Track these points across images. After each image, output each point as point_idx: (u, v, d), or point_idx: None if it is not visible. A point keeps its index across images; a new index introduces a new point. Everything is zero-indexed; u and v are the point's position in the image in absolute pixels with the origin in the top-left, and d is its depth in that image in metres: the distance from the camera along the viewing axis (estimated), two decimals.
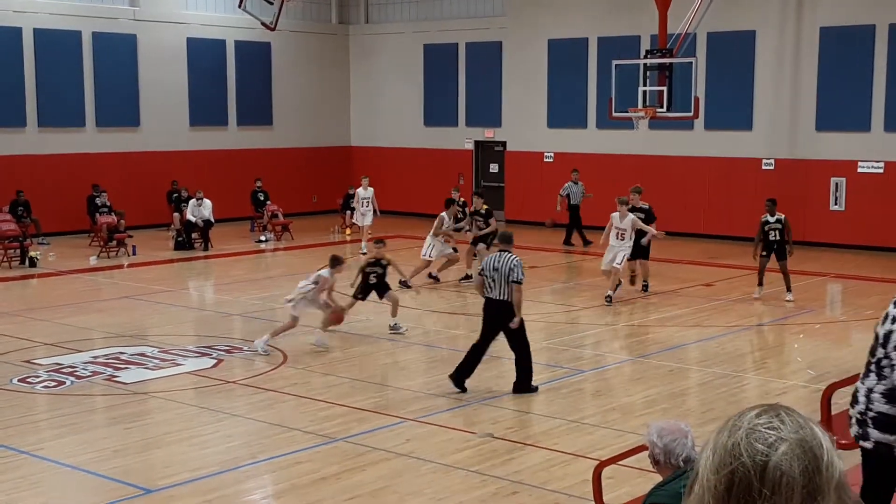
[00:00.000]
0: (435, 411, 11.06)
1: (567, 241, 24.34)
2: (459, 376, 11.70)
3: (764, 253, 17.11)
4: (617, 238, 17.17)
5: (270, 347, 13.75)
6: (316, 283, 14.00)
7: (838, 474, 1.70)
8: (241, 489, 8.96)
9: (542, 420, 10.88)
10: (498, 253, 11.81)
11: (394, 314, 15.06)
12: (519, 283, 11.44)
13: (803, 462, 1.67)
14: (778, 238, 17.10)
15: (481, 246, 18.91)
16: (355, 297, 15.35)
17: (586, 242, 23.57)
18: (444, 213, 19.09)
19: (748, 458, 1.68)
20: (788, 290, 17.26)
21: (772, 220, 17.19)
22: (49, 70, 25.42)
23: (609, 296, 17.01)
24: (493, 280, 11.45)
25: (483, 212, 19.17)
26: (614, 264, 17.09)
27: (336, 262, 14.07)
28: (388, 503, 8.48)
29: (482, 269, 11.76)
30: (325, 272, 14.06)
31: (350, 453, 9.67)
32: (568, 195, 24.33)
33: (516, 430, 10.41)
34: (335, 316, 14.29)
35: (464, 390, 11.64)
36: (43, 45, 25.30)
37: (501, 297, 11.44)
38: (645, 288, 18.13)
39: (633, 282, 18.18)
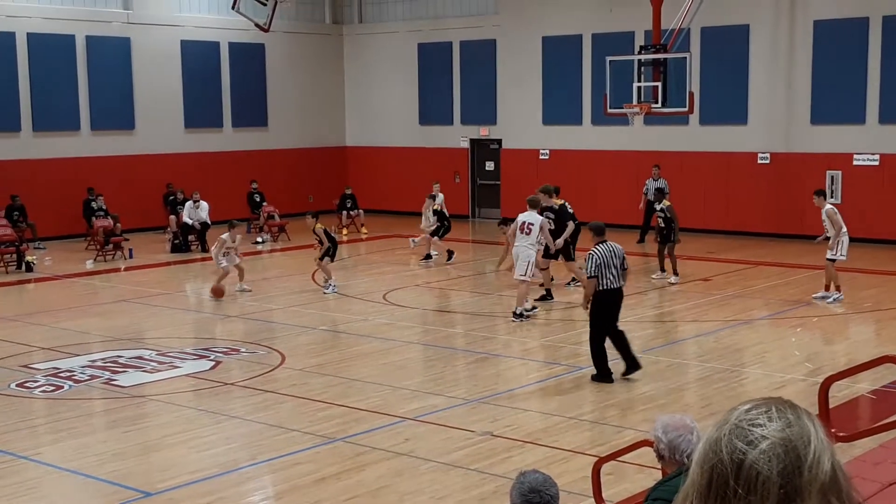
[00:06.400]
0: (433, 410, 11.05)
1: (641, 240, 23.86)
2: (630, 363, 12.11)
3: (658, 239, 18.83)
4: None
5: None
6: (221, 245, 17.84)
7: (824, 476, 1.63)
8: (240, 491, 8.95)
9: (541, 417, 10.87)
10: (607, 244, 12.08)
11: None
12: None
13: (783, 462, 1.62)
14: (663, 226, 18.60)
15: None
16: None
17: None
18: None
19: (727, 454, 1.64)
20: (674, 272, 18.41)
21: (657, 208, 18.89)
22: (43, 74, 25.38)
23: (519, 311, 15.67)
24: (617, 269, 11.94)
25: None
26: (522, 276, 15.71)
27: (231, 226, 18.15)
28: (388, 503, 8.47)
29: (598, 266, 11.82)
30: (223, 235, 17.89)
31: (349, 453, 9.66)
32: (646, 192, 23.94)
33: (515, 428, 10.40)
34: (218, 290, 17.64)
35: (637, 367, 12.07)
36: (37, 50, 25.26)
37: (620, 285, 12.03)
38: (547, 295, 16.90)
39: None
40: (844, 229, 16.66)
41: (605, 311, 11.98)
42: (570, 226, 16.88)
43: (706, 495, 1.66)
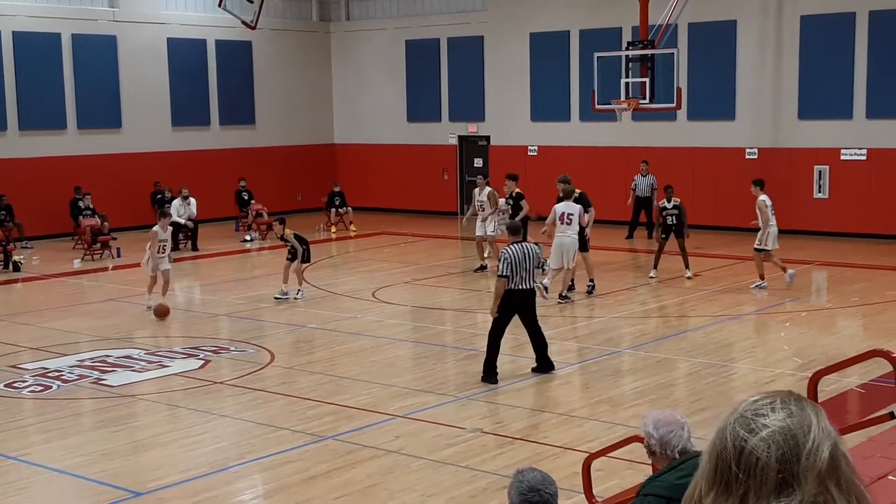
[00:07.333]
0: (423, 407, 11.05)
1: (630, 236, 24.25)
2: (543, 364, 12.27)
3: (663, 236, 18.66)
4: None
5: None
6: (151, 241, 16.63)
7: (821, 463, 1.72)
8: (230, 490, 8.93)
9: (531, 414, 10.88)
10: (522, 245, 12.03)
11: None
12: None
13: (782, 449, 1.72)
14: (675, 222, 18.58)
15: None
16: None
17: (650, 235, 23.56)
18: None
19: (730, 441, 1.76)
20: (687, 267, 18.51)
21: (668, 205, 18.74)
22: (29, 73, 25.27)
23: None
24: (527, 271, 11.87)
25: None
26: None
27: (163, 216, 17.25)
28: (379, 501, 8.47)
29: (510, 266, 11.71)
30: (154, 228, 16.83)
31: (339, 451, 9.65)
32: (634, 188, 24.32)
33: (505, 425, 10.41)
34: (161, 309, 16.12)
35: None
36: (22, 48, 25.14)
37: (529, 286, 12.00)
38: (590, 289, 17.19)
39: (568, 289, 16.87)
40: (772, 222, 17.38)
41: (510, 311, 11.91)
42: (592, 213, 17.20)
43: (712, 480, 1.79)
